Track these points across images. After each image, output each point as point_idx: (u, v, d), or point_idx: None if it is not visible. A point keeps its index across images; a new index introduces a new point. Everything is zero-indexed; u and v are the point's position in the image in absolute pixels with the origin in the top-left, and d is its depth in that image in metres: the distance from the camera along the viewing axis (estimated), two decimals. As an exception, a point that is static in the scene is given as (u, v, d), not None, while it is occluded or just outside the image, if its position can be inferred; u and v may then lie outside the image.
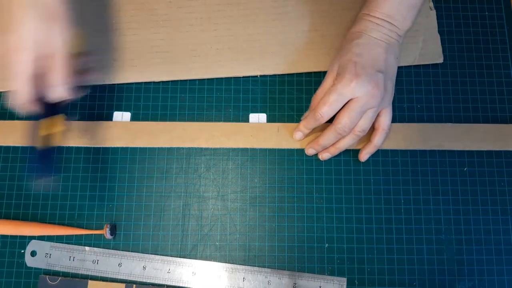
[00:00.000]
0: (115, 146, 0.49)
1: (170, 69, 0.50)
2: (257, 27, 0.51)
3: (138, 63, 0.50)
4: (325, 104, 0.43)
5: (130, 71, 0.50)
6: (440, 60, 0.50)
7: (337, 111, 0.44)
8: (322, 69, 0.50)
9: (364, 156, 0.47)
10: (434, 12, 0.52)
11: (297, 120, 0.49)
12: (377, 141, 0.46)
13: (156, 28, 0.51)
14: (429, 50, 0.51)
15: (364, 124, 0.44)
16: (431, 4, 0.52)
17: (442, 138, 0.48)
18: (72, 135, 0.48)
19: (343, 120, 0.43)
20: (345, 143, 0.46)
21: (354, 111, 0.43)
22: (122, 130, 0.49)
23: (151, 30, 0.51)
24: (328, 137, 0.45)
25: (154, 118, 0.50)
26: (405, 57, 0.50)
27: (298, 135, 0.48)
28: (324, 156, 0.47)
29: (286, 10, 0.52)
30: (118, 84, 0.50)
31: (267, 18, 0.51)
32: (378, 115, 0.45)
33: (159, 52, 0.51)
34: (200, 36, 0.51)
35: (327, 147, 0.47)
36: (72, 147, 0.49)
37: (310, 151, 0.48)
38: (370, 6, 0.45)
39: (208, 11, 0.52)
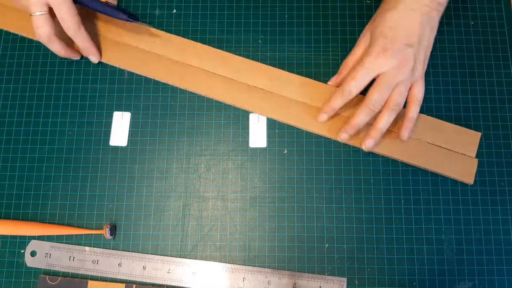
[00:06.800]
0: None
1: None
2: None
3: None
4: (352, 79, 0.44)
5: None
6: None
7: (365, 86, 0.44)
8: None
9: (404, 133, 0.46)
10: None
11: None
12: (412, 114, 0.45)
13: None
14: None
15: (397, 98, 0.44)
16: None
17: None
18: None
19: (373, 96, 0.44)
20: (384, 120, 0.44)
21: (382, 86, 0.43)
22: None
23: None
24: (361, 115, 0.44)
25: (154, 118, 0.50)
26: None
27: (323, 117, 0.47)
28: (368, 144, 0.45)
29: None
30: (118, 85, 0.51)
31: None
32: (410, 88, 0.45)
33: None
34: None
35: (360, 127, 0.45)
36: (72, 147, 0.49)
37: (343, 136, 0.46)
38: None
39: None
